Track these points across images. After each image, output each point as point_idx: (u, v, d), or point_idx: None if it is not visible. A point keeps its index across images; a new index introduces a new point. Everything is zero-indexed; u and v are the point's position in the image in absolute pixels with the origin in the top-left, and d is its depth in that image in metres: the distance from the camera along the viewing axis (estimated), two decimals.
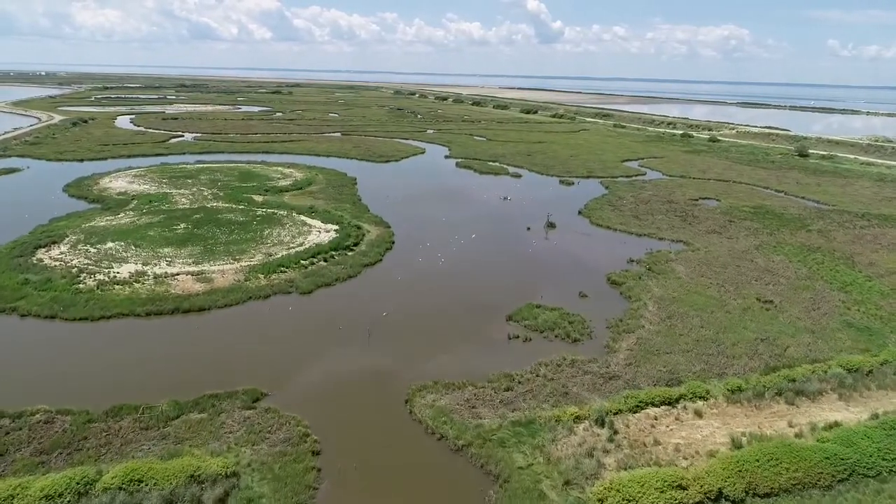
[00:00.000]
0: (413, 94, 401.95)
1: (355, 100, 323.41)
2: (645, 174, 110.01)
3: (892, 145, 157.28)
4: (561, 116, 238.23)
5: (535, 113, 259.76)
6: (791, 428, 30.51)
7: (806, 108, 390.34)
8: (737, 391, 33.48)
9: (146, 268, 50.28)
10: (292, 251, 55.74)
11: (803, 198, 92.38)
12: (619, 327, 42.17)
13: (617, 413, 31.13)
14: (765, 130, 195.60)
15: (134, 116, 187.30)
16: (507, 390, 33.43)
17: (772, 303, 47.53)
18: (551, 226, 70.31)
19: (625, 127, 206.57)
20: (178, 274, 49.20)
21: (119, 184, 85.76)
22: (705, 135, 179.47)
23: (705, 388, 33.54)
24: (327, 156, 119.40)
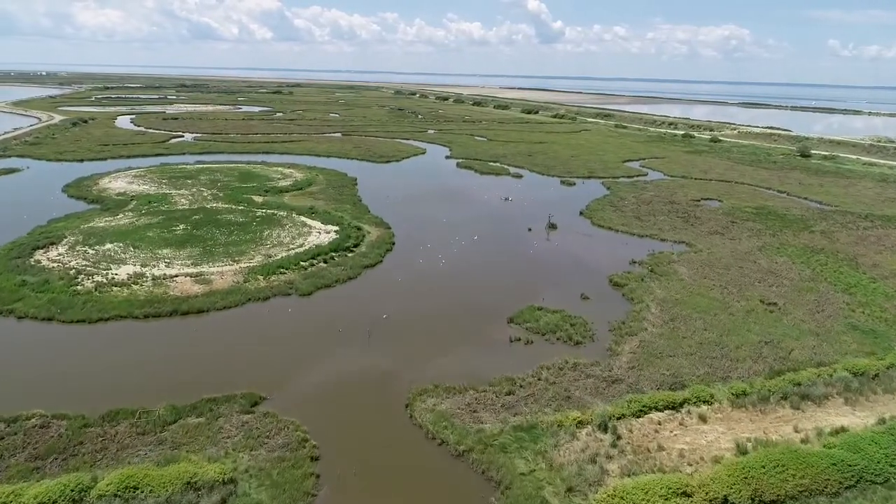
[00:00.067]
0: (414, 94, 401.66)
1: (356, 100, 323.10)
2: (646, 175, 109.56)
3: (894, 146, 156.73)
4: (562, 117, 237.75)
5: (536, 113, 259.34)
6: (797, 433, 30.08)
7: (807, 108, 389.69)
8: (741, 395, 33.05)
9: (145, 269, 49.91)
10: (292, 252, 55.36)
11: (806, 198, 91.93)
12: (621, 330, 41.75)
13: (620, 418, 30.71)
14: (766, 131, 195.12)
15: (134, 116, 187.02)
16: (508, 394, 33.02)
17: (775, 305, 47.09)
18: (553, 227, 69.89)
19: (626, 127, 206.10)
20: (177, 275, 48.82)
21: (118, 184, 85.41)
22: (706, 135, 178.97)
23: (709, 393, 33.12)
24: (328, 156, 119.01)
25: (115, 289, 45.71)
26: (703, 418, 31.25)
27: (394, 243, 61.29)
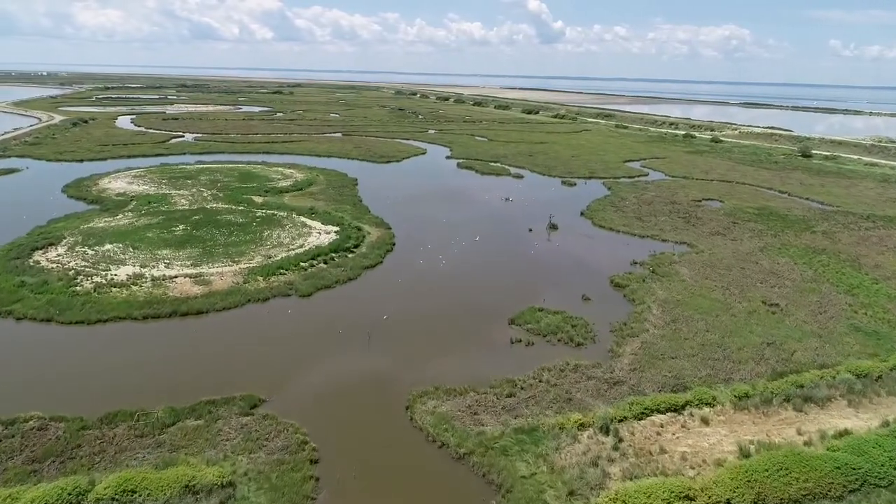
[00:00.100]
0: (414, 94, 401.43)
1: (356, 100, 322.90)
2: (647, 175, 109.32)
3: (895, 146, 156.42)
4: (562, 117, 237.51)
5: (537, 113, 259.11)
6: (800, 436, 29.86)
7: (808, 108, 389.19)
8: (744, 397, 32.82)
9: (144, 270, 49.71)
10: (292, 253, 55.16)
11: (807, 199, 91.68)
12: (622, 331, 41.52)
13: (622, 420, 30.48)
14: (767, 131, 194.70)
15: (134, 116, 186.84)
16: (509, 396, 32.80)
17: (777, 306, 46.86)
18: (553, 227, 69.66)
19: (626, 127, 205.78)
20: (177, 276, 48.63)
21: (118, 184, 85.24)
22: (707, 135, 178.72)
23: (711, 395, 32.90)
24: (328, 156, 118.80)
25: (114, 290, 45.52)
26: (705, 421, 31.03)
27: (394, 244, 61.08)
